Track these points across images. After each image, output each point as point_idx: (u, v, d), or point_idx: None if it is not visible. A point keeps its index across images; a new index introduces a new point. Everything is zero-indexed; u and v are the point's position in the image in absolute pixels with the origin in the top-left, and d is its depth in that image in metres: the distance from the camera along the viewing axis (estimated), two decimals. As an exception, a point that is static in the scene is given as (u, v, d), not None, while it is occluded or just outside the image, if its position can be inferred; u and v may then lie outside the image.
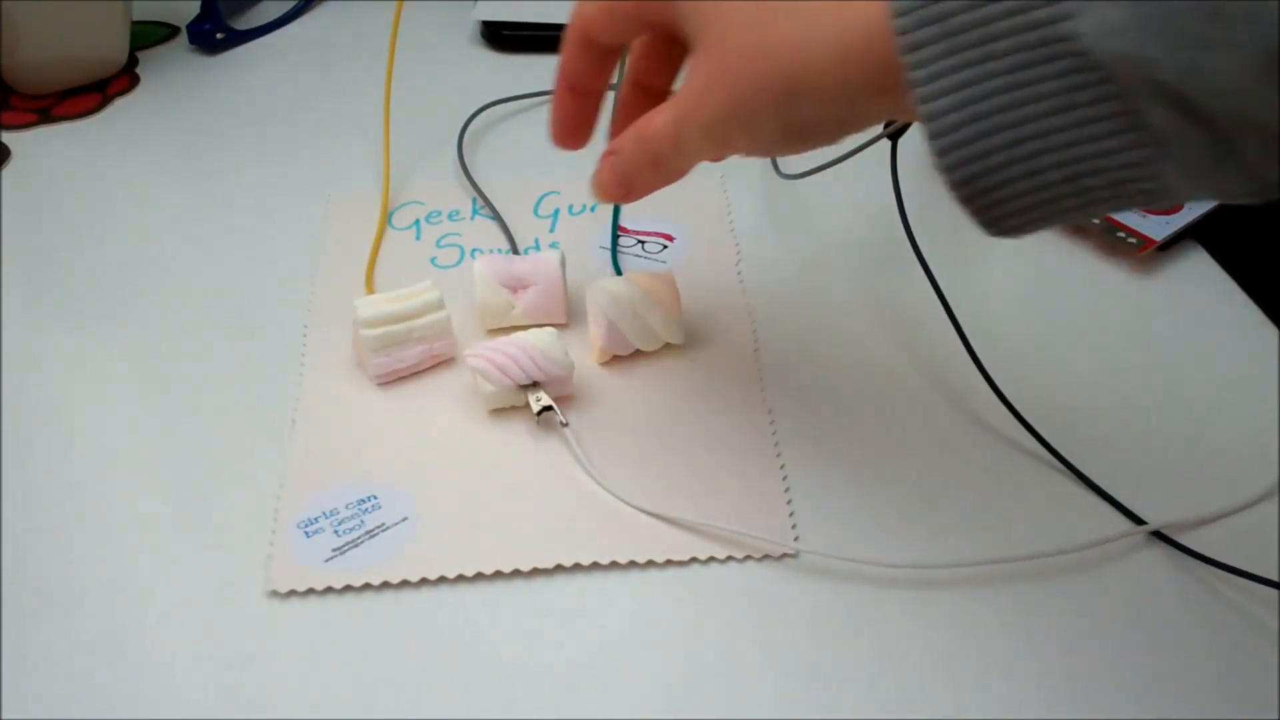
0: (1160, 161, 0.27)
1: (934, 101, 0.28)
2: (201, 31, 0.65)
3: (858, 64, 0.30)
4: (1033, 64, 0.27)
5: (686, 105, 0.34)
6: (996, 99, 0.27)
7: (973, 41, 0.27)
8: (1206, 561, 0.37)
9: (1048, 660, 0.35)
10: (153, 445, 0.42)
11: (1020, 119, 0.27)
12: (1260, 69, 0.23)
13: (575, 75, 0.38)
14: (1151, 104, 0.26)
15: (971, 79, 0.27)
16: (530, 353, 0.41)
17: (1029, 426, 0.41)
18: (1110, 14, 0.25)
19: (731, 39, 0.32)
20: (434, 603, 0.37)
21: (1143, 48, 0.25)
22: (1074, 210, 0.29)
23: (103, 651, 0.36)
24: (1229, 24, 0.23)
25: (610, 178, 0.38)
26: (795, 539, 0.38)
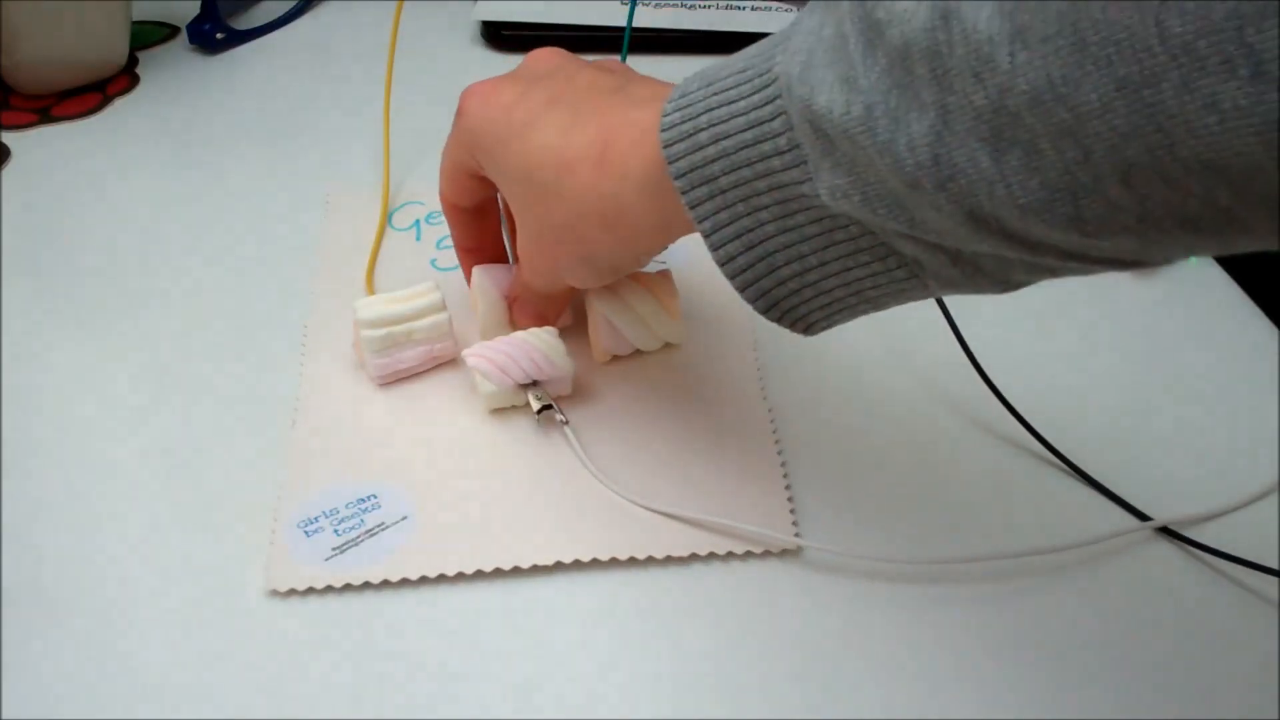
0: (920, 277, 0.30)
1: (722, 248, 0.32)
2: (201, 31, 0.65)
3: (625, 227, 0.35)
4: (793, 213, 0.31)
5: (527, 261, 0.40)
6: (773, 240, 0.32)
7: (741, 197, 0.31)
8: (1212, 553, 0.37)
9: (1054, 656, 0.35)
10: (152, 445, 0.42)
11: (798, 254, 0.32)
12: (965, 223, 0.26)
13: (463, 238, 0.45)
14: (897, 240, 0.29)
15: (749, 226, 0.32)
16: (530, 352, 0.41)
17: (1028, 425, 0.41)
18: (835, 179, 0.29)
19: (528, 216, 0.38)
20: (434, 602, 0.37)
21: (869, 210, 0.28)
22: (867, 309, 0.33)
23: (102, 651, 0.36)
24: (927, 194, 0.26)
25: (525, 319, 0.43)
26: (796, 535, 0.38)
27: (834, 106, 0.27)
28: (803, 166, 0.29)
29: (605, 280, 0.40)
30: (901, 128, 0.26)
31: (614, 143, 0.35)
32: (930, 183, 0.26)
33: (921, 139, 0.26)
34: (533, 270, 0.40)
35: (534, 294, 0.42)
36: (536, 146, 0.37)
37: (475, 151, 0.39)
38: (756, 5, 0.65)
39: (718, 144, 0.31)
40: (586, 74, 0.39)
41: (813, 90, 0.28)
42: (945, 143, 0.25)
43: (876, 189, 0.28)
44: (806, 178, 0.29)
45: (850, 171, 0.28)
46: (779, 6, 0.65)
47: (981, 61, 0.24)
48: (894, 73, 0.26)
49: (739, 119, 0.30)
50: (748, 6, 0.65)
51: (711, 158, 0.31)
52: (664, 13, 0.65)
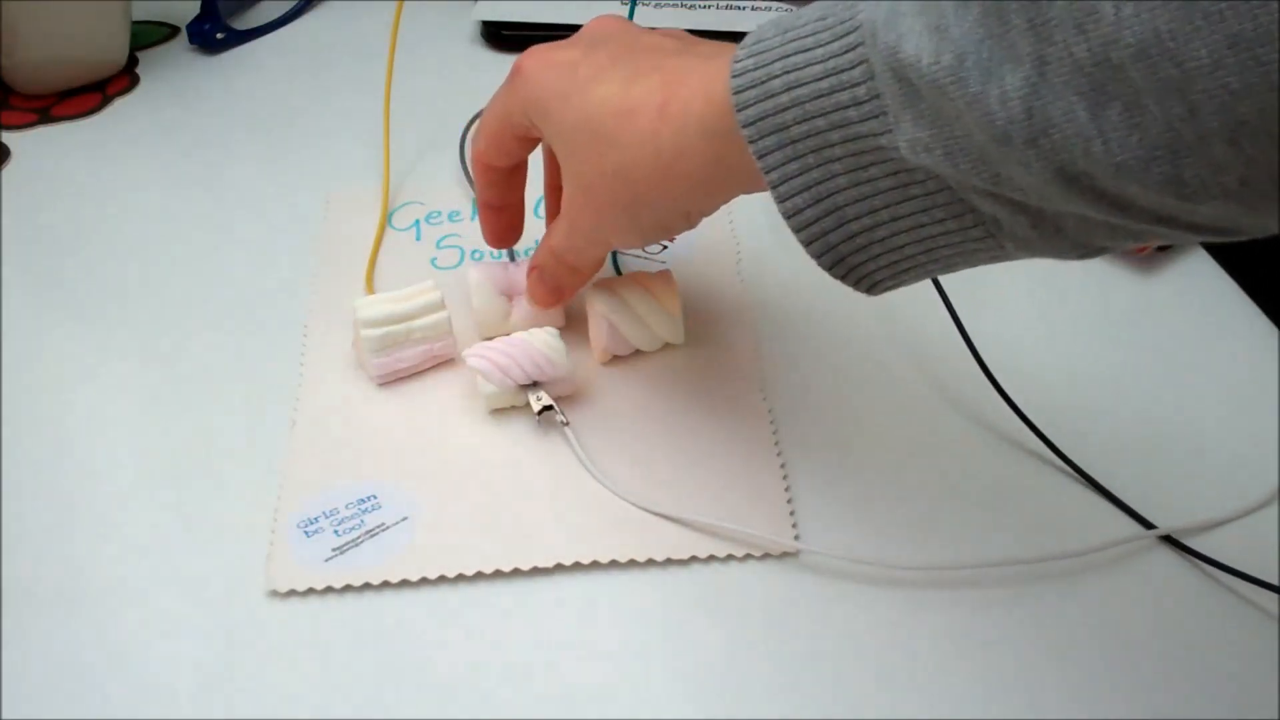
0: (996, 237, 0.29)
1: (790, 200, 0.31)
2: (201, 31, 0.65)
3: (679, 176, 0.35)
4: (867, 165, 0.30)
5: (569, 219, 0.40)
6: (845, 193, 0.31)
7: (812, 148, 0.30)
8: (1213, 564, 0.37)
9: (1052, 663, 0.35)
10: (152, 445, 0.42)
11: (870, 209, 0.31)
12: (1054, 181, 0.26)
13: (490, 196, 0.44)
14: (976, 197, 0.29)
15: (819, 178, 0.31)
16: (530, 353, 0.41)
17: (1034, 427, 0.41)
18: (917, 132, 0.28)
19: (582, 166, 0.38)
20: (434, 602, 0.37)
21: (951, 164, 0.28)
22: (937, 269, 0.32)
23: (103, 651, 0.36)
24: (1016, 149, 0.25)
25: (542, 291, 0.43)
26: (796, 537, 0.38)
27: (922, 55, 0.26)
28: (882, 118, 0.28)
29: (647, 239, 0.39)
30: (994, 79, 0.25)
31: (677, 91, 0.34)
32: (1021, 137, 0.25)
33: (1015, 91, 0.25)
34: (573, 227, 0.40)
35: (559, 263, 0.42)
36: (598, 98, 0.36)
37: (531, 108, 0.39)
38: (757, 5, 0.65)
39: (791, 92, 0.30)
40: (648, 37, 0.38)
41: (900, 38, 0.27)
42: (1041, 96, 0.24)
43: (962, 143, 0.27)
44: (886, 129, 0.29)
45: (934, 124, 0.27)
46: (779, 7, 0.65)
47: (1085, 12, 0.23)
48: (988, 22, 0.25)
49: (815, 67, 0.29)
50: (748, 6, 0.65)
51: (784, 105, 0.30)
52: (664, 13, 0.65)
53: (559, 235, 0.41)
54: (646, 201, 0.36)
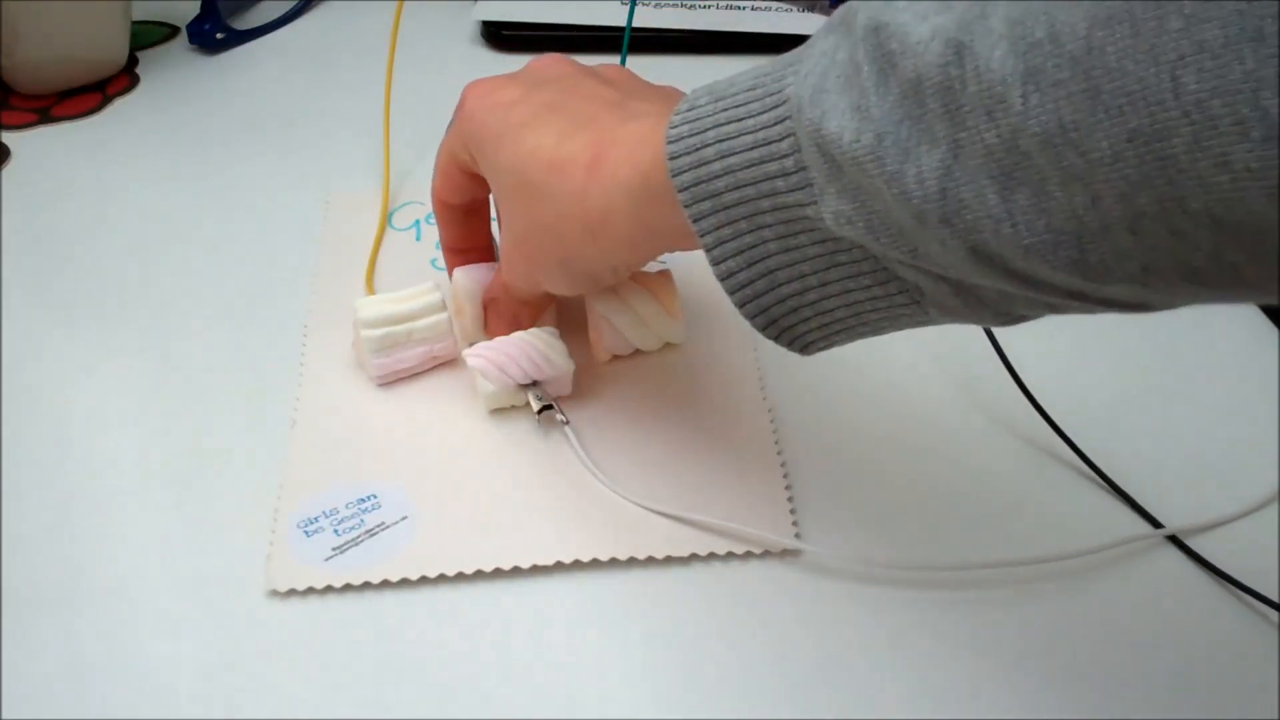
0: (920, 304, 0.30)
1: (724, 263, 0.32)
2: (201, 31, 0.65)
3: (606, 236, 0.36)
4: (796, 233, 0.31)
5: (505, 267, 0.41)
6: (775, 258, 0.32)
7: (744, 214, 0.31)
8: (1215, 572, 0.37)
9: (1054, 663, 0.35)
10: (153, 445, 0.42)
11: (799, 274, 0.32)
12: (968, 259, 0.26)
13: (452, 238, 0.45)
14: (900, 268, 0.29)
15: (751, 243, 0.32)
16: (530, 352, 0.41)
17: (1053, 422, 0.41)
18: (840, 205, 0.28)
19: (514, 213, 0.38)
20: (434, 602, 0.37)
21: (872, 238, 0.28)
22: (866, 332, 0.33)
23: (103, 651, 0.36)
24: (932, 227, 0.26)
25: (499, 323, 0.43)
26: (796, 536, 0.38)
27: (844, 133, 0.27)
28: (808, 189, 0.29)
29: (579, 290, 0.41)
30: (911, 159, 0.26)
31: (607, 151, 0.35)
32: (936, 216, 0.26)
33: (930, 172, 0.26)
34: (512, 271, 0.40)
35: (510, 298, 0.42)
36: (530, 147, 0.37)
37: (470, 146, 0.40)
38: (756, 5, 0.65)
39: (723, 160, 0.31)
40: (589, 84, 0.39)
41: (823, 115, 0.28)
42: (954, 177, 0.25)
43: (881, 217, 0.28)
44: (811, 200, 0.29)
45: (855, 198, 0.28)
46: (779, 6, 0.65)
47: (994, 100, 0.24)
48: (906, 104, 0.26)
49: (746, 137, 0.30)
50: (748, 6, 0.65)
51: (717, 173, 0.31)
52: (664, 13, 0.65)
53: (504, 271, 0.41)
54: (575, 256, 0.37)
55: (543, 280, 0.40)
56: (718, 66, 0.62)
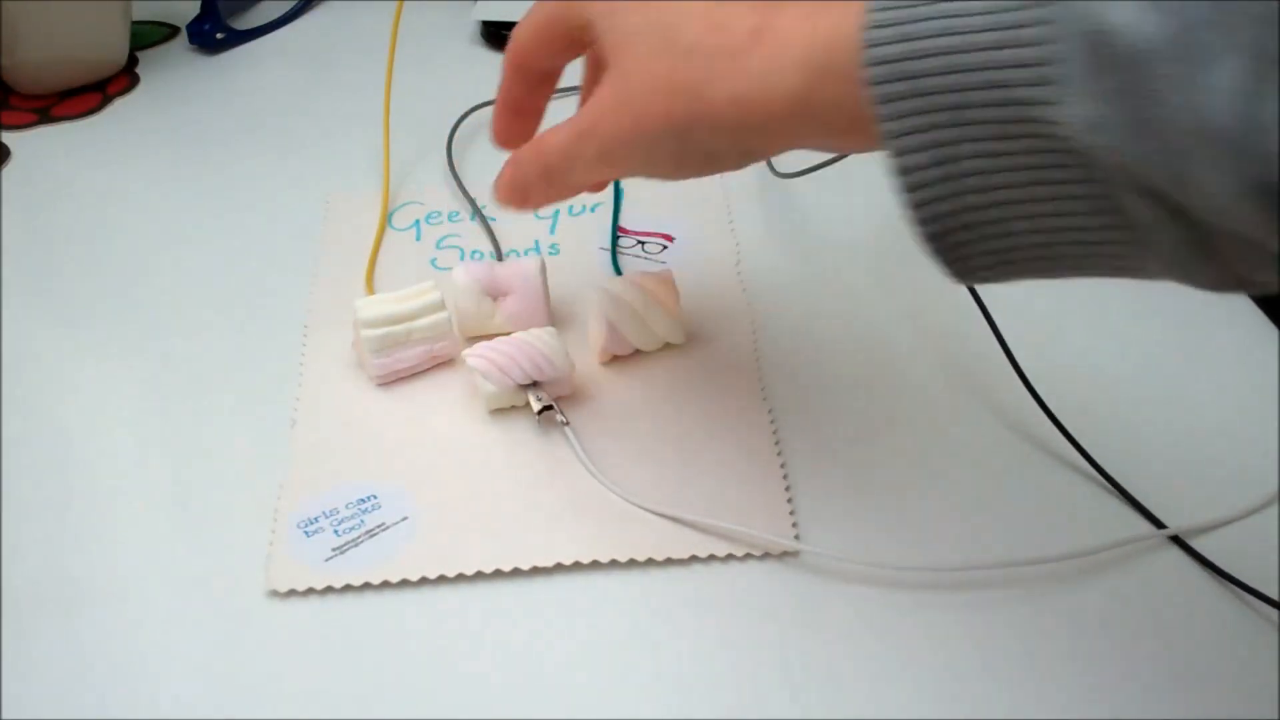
0: (1135, 245, 0.27)
1: (907, 156, 0.28)
2: (201, 31, 0.65)
3: (757, 105, 0.31)
4: (1006, 137, 0.27)
5: (587, 122, 0.35)
6: (969, 162, 0.27)
7: (948, 104, 0.27)
8: (1217, 572, 0.37)
9: (1054, 664, 0.35)
10: (153, 445, 0.42)
11: (993, 184, 0.27)
12: (1249, 195, 0.23)
13: (516, 97, 0.40)
14: (1130, 195, 0.26)
15: (946, 139, 0.27)
16: (530, 352, 0.41)
17: (1057, 421, 0.41)
18: (1097, 108, 0.25)
19: (640, 71, 0.33)
20: (434, 602, 0.37)
21: (1129, 147, 0.25)
22: (1045, 269, 0.29)
23: (103, 651, 0.36)
24: (1217, 148, 0.23)
25: (505, 185, 0.39)
26: (796, 537, 0.38)
27: (1133, 26, 0.23)
28: (1053, 87, 0.25)
29: (679, 170, 0.35)
30: (1214, 67, 0.22)
31: (774, 19, 0.31)
32: (1229, 136, 0.23)
33: (1235, 85, 0.22)
34: (593, 131, 0.35)
35: (541, 166, 0.37)
36: (684, 4, 0.33)
37: (594, 8, 0.35)
38: (756, 5, 0.65)
39: (939, 39, 0.27)
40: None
41: (1107, 4, 0.24)
42: (1263, 98, 0.22)
43: (1152, 127, 0.24)
44: (1053, 100, 0.25)
45: (1123, 103, 0.24)
46: (779, 6, 0.65)
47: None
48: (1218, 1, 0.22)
49: (979, 18, 0.26)
50: (748, 6, 0.65)
51: (926, 52, 0.27)
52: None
53: (560, 137, 0.36)
54: (706, 124, 0.32)
55: (639, 150, 0.34)
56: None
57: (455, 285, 0.44)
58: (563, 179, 0.37)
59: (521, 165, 0.38)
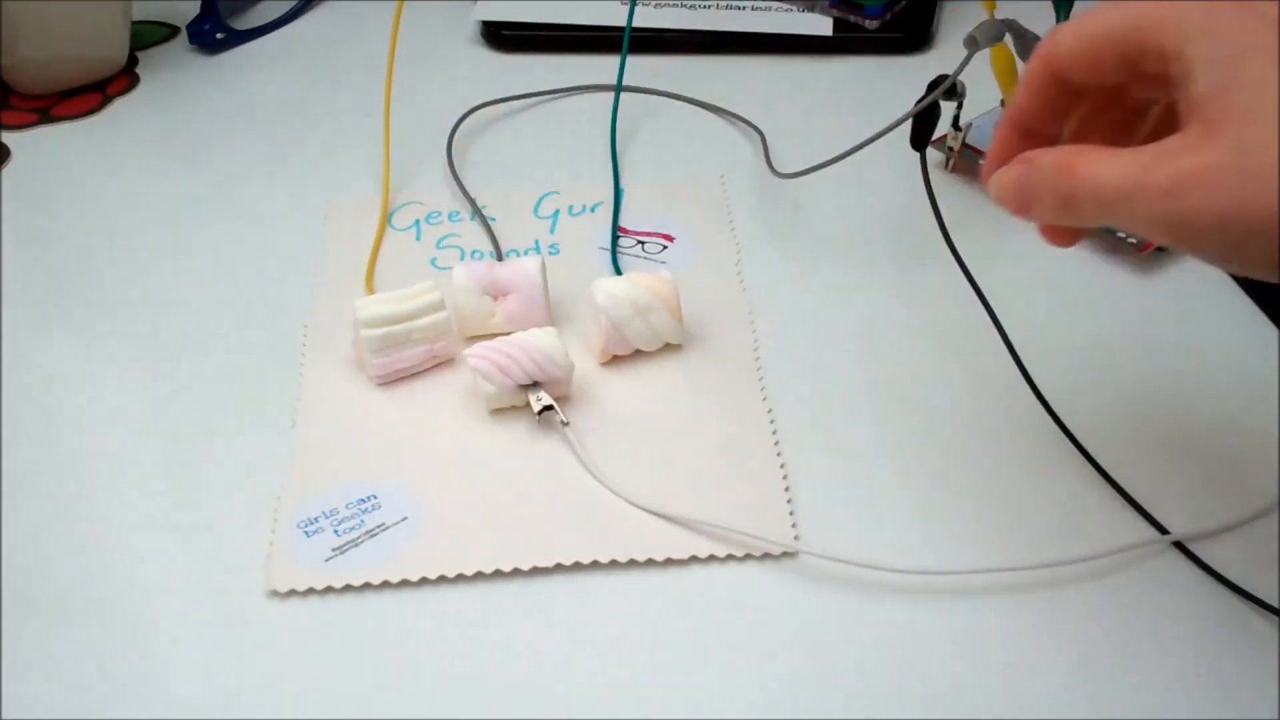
0: None
1: None
2: (201, 31, 0.65)
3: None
4: None
5: (1165, 180, 0.27)
6: None
7: None
8: (1218, 578, 0.37)
9: (1053, 668, 0.35)
10: (153, 445, 0.42)
11: None
12: None
13: (1030, 114, 0.33)
14: None
15: None
16: (531, 353, 0.41)
17: (1065, 427, 0.41)
18: None
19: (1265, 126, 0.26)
20: (434, 603, 0.37)
21: None
22: None
23: (103, 651, 0.36)
24: None
25: (1012, 187, 0.32)
26: (795, 538, 0.38)
27: None
28: None
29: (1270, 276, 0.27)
30: None
31: None
32: None
33: None
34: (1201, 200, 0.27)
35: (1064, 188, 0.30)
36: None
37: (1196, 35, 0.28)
38: (756, 5, 0.65)
39: None
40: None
41: None
42: None
43: None
44: None
45: None
46: (779, 6, 0.65)
47: None
48: None
49: None
50: (748, 6, 0.65)
51: None
52: (664, 13, 0.65)
53: (1115, 177, 0.28)
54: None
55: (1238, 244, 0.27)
56: (718, 66, 0.62)
57: (455, 285, 0.44)
58: (1084, 218, 0.30)
59: (1041, 176, 0.31)
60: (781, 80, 0.61)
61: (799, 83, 0.61)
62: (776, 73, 0.62)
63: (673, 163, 0.56)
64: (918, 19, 0.64)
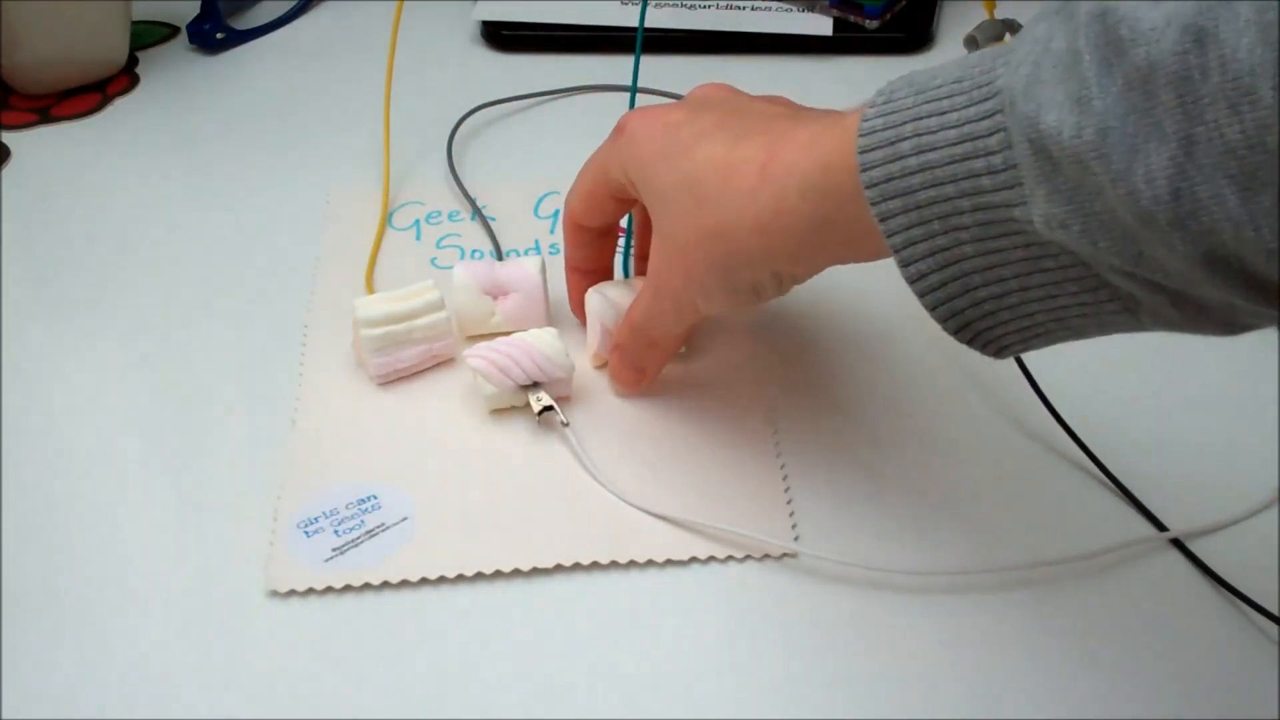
0: (1134, 312, 0.28)
1: (913, 264, 0.30)
2: (201, 31, 0.65)
3: (775, 234, 0.34)
4: (997, 236, 0.29)
5: (654, 284, 0.39)
6: (971, 261, 0.30)
7: (939, 214, 0.29)
8: (1217, 580, 0.37)
9: (1052, 667, 0.35)
10: (153, 445, 0.42)
11: (998, 278, 0.30)
12: (1200, 265, 0.24)
13: (580, 259, 0.44)
14: (1114, 275, 0.27)
15: (945, 245, 0.30)
16: (531, 353, 0.41)
17: (1067, 426, 0.41)
18: (1053, 207, 0.27)
19: (677, 225, 0.37)
20: (434, 603, 0.37)
21: (1089, 242, 0.26)
22: (1068, 336, 0.31)
23: (103, 651, 0.36)
24: (1160, 230, 0.24)
25: (622, 370, 0.42)
26: (795, 539, 0.38)
27: (1063, 128, 0.25)
28: (1017, 189, 0.27)
29: (736, 303, 0.38)
30: (1139, 156, 0.24)
31: (780, 151, 0.34)
32: (1167, 218, 0.24)
33: (1160, 171, 0.24)
34: (660, 291, 0.39)
35: (640, 339, 0.41)
36: (702, 156, 0.36)
37: (632, 167, 0.38)
38: (756, 5, 0.65)
39: (921, 155, 0.29)
40: (757, 104, 0.38)
41: (1040, 108, 0.26)
42: (1188, 177, 0.23)
43: (1102, 220, 0.26)
44: (1019, 201, 0.27)
45: (1072, 199, 0.26)
46: (779, 6, 0.65)
47: (1240, 93, 0.22)
48: (1133, 96, 0.24)
49: (949, 131, 0.28)
50: (748, 6, 0.65)
51: (912, 169, 0.29)
52: (664, 12, 0.65)
53: (641, 306, 0.40)
54: (741, 260, 0.36)
55: (697, 295, 0.38)
56: (718, 66, 0.62)
57: (455, 284, 0.44)
58: (662, 339, 0.41)
59: (626, 348, 0.42)
60: (781, 80, 0.61)
61: (799, 83, 0.61)
62: (776, 73, 0.62)
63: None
64: (918, 19, 0.64)
